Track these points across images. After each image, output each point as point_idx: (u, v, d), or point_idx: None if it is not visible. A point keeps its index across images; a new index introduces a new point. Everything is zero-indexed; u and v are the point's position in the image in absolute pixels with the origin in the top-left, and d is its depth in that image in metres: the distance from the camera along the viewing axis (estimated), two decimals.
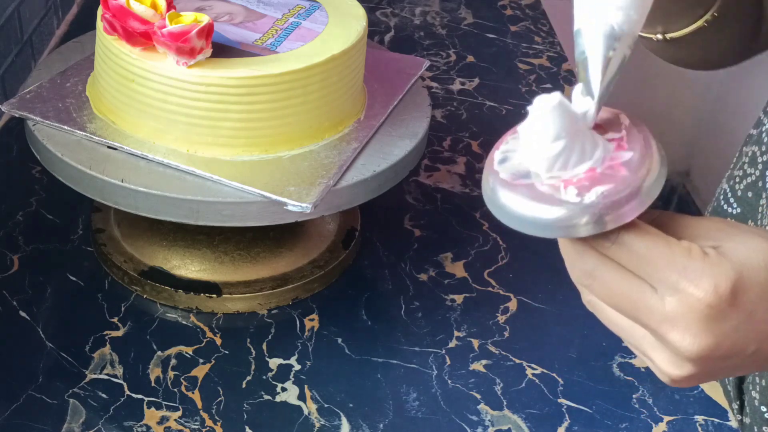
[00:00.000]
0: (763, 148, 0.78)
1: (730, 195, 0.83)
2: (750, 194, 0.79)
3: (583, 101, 0.45)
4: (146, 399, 0.74)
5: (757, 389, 0.75)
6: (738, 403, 0.79)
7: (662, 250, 0.45)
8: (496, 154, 0.48)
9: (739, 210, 0.81)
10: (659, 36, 0.74)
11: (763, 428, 0.75)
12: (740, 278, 0.45)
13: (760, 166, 0.79)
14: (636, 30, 0.47)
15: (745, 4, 0.76)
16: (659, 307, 0.45)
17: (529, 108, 0.44)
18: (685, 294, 0.45)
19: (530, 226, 0.45)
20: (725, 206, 0.83)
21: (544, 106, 0.43)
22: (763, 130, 0.79)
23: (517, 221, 0.46)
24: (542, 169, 0.45)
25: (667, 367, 0.48)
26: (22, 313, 0.80)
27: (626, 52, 0.47)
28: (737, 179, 0.82)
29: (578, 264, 0.47)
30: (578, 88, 0.46)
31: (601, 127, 0.47)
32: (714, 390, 0.79)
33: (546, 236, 0.46)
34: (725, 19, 0.73)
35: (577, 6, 0.48)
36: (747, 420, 0.77)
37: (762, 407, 0.75)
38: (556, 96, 0.43)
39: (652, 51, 0.77)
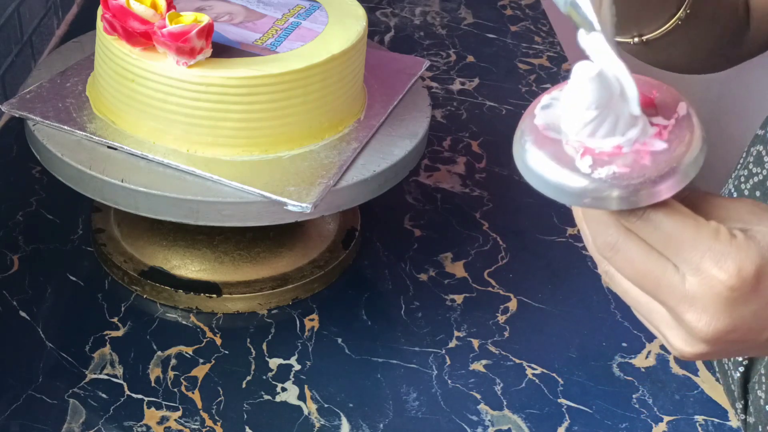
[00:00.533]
0: None
1: (735, 195, 0.83)
2: (758, 193, 0.79)
3: (592, 38, 0.45)
4: (146, 399, 0.74)
5: (764, 388, 0.75)
6: (742, 402, 0.78)
7: (689, 230, 0.45)
8: (545, 97, 0.47)
9: None
10: (636, 39, 0.74)
11: None
12: (765, 263, 0.45)
13: (767, 166, 0.78)
14: None
15: (719, 3, 0.76)
16: (680, 287, 0.45)
17: (571, 70, 0.44)
18: (707, 275, 0.45)
19: (554, 190, 0.45)
20: None
21: (581, 75, 0.43)
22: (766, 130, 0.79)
23: (545, 185, 0.45)
24: (572, 130, 0.45)
25: (679, 343, 0.48)
26: (22, 313, 0.80)
27: None
28: (742, 179, 0.82)
29: (601, 235, 0.46)
30: (581, 33, 0.45)
31: (653, 108, 0.46)
32: (714, 390, 0.79)
33: (572, 204, 0.46)
34: (699, 18, 0.73)
35: None
36: (751, 419, 0.77)
37: (767, 407, 0.74)
38: (595, 68, 0.43)
39: (632, 55, 0.77)
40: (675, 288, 0.45)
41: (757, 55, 0.82)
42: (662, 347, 0.83)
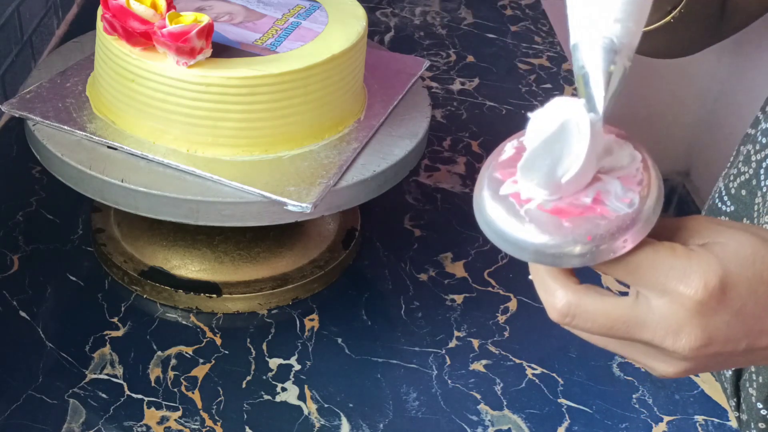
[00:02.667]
0: (758, 147, 0.79)
1: (724, 193, 0.83)
2: (744, 192, 0.80)
3: (588, 117, 0.44)
4: (146, 399, 0.74)
5: (754, 386, 0.75)
6: (735, 400, 0.79)
7: (647, 254, 0.44)
8: (507, 146, 0.46)
9: (732, 208, 0.81)
10: None
11: (760, 424, 0.75)
12: (728, 273, 0.44)
13: (753, 165, 0.79)
14: (635, 41, 0.46)
15: (710, 1, 0.76)
16: (649, 317, 0.45)
17: (535, 122, 0.43)
18: (674, 294, 0.44)
19: (512, 246, 0.44)
20: (719, 204, 0.83)
21: (542, 127, 0.42)
22: (759, 129, 0.80)
23: (500, 239, 0.44)
24: (532, 184, 0.44)
25: (661, 367, 0.48)
26: (22, 313, 0.80)
27: (627, 65, 0.45)
28: (731, 177, 0.82)
29: (553, 304, 0.46)
30: (581, 103, 0.44)
31: (610, 155, 0.45)
32: (714, 390, 0.79)
33: (531, 261, 0.44)
34: (690, 15, 0.73)
35: (573, 18, 0.46)
36: (744, 417, 0.78)
37: (758, 404, 0.75)
38: (556, 121, 0.42)
39: None
40: (645, 322, 0.45)
41: (731, 35, 0.82)
42: None
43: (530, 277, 0.48)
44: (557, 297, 0.46)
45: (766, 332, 0.46)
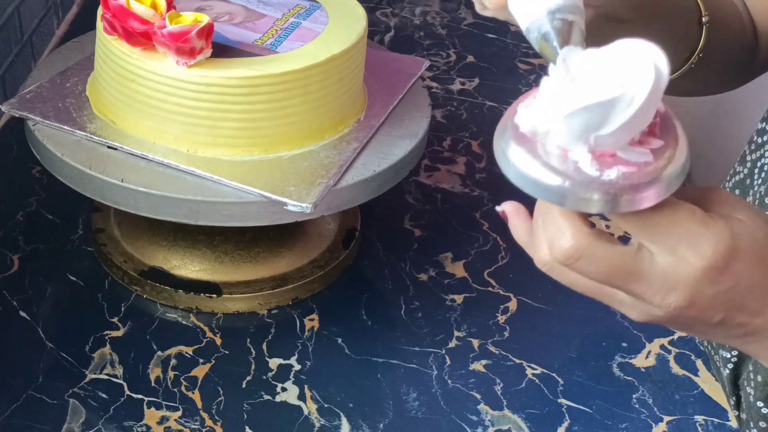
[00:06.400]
0: (752, 147, 0.79)
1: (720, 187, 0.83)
2: (737, 192, 0.80)
3: (572, 52, 0.45)
4: (146, 399, 0.74)
5: (752, 385, 0.75)
6: (734, 398, 0.79)
7: (666, 213, 0.45)
8: (529, 97, 0.46)
9: None
10: None
11: (761, 423, 0.75)
12: (737, 250, 0.45)
13: (748, 164, 0.79)
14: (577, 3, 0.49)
15: (728, 41, 0.76)
16: (648, 271, 0.45)
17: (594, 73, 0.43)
18: (681, 257, 0.45)
19: (537, 188, 0.44)
20: None
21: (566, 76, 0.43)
22: (756, 129, 0.80)
23: (524, 181, 0.45)
24: (559, 131, 0.44)
25: (633, 314, 0.49)
26: (22, 313, 0.80)
27: (574, 19, 0.49)
28: (728, 177, 0.83)
29: (562, 243, 0.46)
30: (561, 55, 0.45)
31: None
32: (714, 390, 0.79)
33: (551, 201, 0.45)
34: (711, 58, 0.73)
35: (516, 12, 0.51)
36: (744, 416, 0.78)
37: (758, 403, 0.75)
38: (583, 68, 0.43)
39: None
40: (642, 275, 0.46)
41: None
42: (662, 347, 0.83)
43: (535, 213, 0.48)
44: (566, 236, 0.46)
45: (743, 311, 0.47)
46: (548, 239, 0.47)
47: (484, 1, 0.56)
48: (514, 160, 0.45)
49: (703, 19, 0.70)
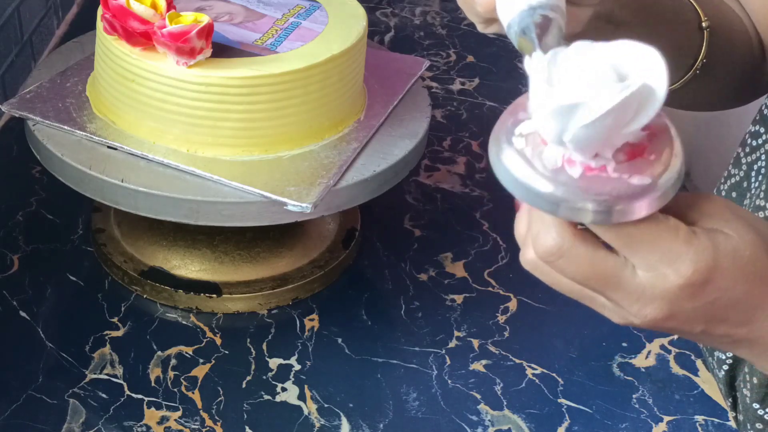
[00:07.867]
0: (747, 150, 0.79)
1: (714, 194, 0.83)
2: (734, 194, 0.80)
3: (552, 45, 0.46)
4: (146, 399, 0.74)
5: (748, 387, 0.75)
6: (731, 400, 0.79)
7: (650, 230, 0.45)
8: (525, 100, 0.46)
9: None
10: None
11: (757, 425, 0.75)
12: (717, 268, 0.45)
13: (744, 167, 0.79)
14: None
15: (733, 48, 0.75)
16: (629, 280, 0.46)
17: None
18: (660, 274, 0.45)
19: (530, 195, 0.44)
20: None
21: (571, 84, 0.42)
22: (748, 132, 0.80)
23: (517, 187, 0.45)
24: (554, 138, 0.44)
25: (614, 318, 0.49)
26: (22, 313, 0.80)
27: (554, 17, 0.49)
28: (723, 179, 0.83)
29: (547, 240, 0.46)
30: (537, 54, 0.46)
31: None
32: (714, 390, 0.79)
33: (544, 210, 0.45)
34: (715, 66, 0.73)
35: (500, 11, 0.51)
36: (740, 417, 0.78)
37: (755, 404, 0.75)
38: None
39: None
40: (622, 284, 0.46)
41: None
42: (662, 347, 0.83)
43: (523, 206, 0.48)
44: (551, 234, 0.46)
45: (726, 322, 0.47)
46: (533, 236, 0.47)
47: (476, 5, 0.56)
48: (509, 166, 0.45)
49: (703, 24, 0.70)
